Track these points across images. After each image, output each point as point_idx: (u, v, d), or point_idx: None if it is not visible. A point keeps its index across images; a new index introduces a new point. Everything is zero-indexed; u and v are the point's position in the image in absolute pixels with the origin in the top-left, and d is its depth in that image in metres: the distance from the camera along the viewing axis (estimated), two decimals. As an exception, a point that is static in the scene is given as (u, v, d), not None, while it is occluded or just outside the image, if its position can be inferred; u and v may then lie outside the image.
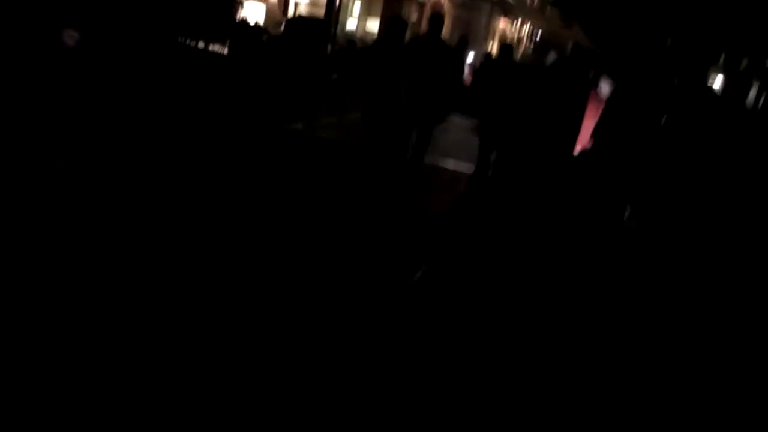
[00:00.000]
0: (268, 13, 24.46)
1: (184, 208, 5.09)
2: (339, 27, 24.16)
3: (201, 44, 12.80)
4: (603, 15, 19.84)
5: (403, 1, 25.64)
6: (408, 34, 8.03)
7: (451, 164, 9.30)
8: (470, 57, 18.27)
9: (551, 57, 7.10)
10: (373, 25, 25.67)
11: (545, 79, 6.00)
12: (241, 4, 14.31)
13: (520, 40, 36.46)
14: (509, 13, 33.15)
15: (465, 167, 8.98)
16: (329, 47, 19.64)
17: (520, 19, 36.19)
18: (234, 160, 7.14)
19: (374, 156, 7.99)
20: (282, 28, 19.35)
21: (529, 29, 37.89)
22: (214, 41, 13.07)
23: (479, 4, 28.77)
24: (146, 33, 11.34)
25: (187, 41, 12.46)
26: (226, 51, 12.96)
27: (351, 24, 26.35)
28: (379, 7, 25.75)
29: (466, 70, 15.94)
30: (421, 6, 27.57)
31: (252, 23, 16.71)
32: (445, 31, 27.10)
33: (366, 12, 26.45)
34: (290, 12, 24.23)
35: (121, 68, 9.95)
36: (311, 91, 12.04)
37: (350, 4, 26.11)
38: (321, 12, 20.77)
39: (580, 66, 6.10)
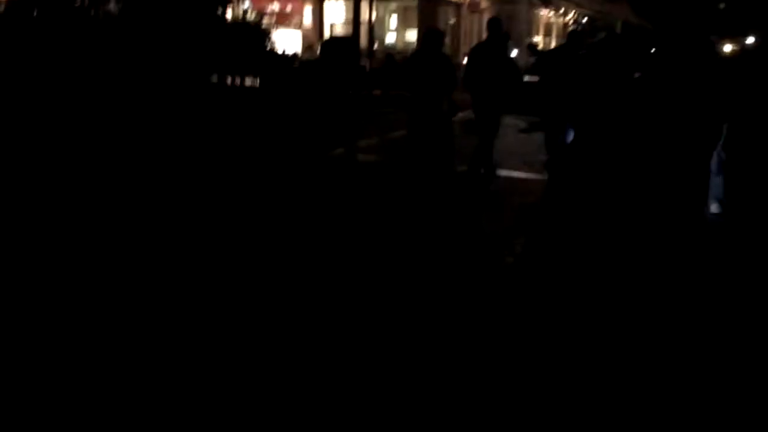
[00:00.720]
0: (304, 39, 24.04)
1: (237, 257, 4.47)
2: (377, 42, 23.55)
3: (231, 80, 12.36)
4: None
5: (437, 5, 24.74)
6: (446, 40, 7.79)
7: (514, 173, 8.37)
8: (514, 52, 17.29)
9: (600, 36, 6.22)
10: (412, 36, 24.90)
11: (592, 56, 5.08)
12: (269, 35, 13.85)
13: (566, 26, 34.99)
14: (550, 2, 31.79)
15: (527, 174, 8.05)
16: (368, 64, 18.99)
17: (563, 8, 34.83)
18: (277, 196, 6.49)
19: (423, 171, 7.33)
20: (318, 51, 18.84)
21: (574, 15, 36.45)
22: (246, 75, 12.63)
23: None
24: (177, 72, 11.00)
25: (218, 78, 12.08)
26: (257, 84, 12.51)
27: (390, 38, 25.65)
28: (415, 16, 24.95)
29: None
30: (458, 6, 26.60)
31: (284, 51, 16.24)
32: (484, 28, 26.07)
33: (403, 23, 25.70)
34: (326, 34, 23.72)
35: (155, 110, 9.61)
36: (350, 113, 11.39)
37: (386, 18, 25.40)
38: (360, 30, 20.21)
39: (627, 40, 5.17)
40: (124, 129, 8.97)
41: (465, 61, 8.82)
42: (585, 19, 36.35)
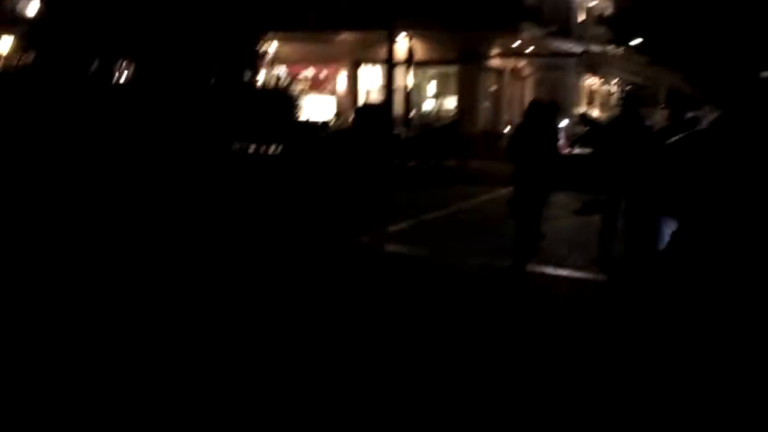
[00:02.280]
0: (338, 105, 23.18)
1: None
2: (414, 109, 22.60)
3: (254, 148, 11.41)
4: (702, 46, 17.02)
5: (478, 72, 23.61)
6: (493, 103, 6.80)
7: (565, 270, 6.94)
8: (564, 122, 16.09)
9: (704, 113, 4.87)
10: (451, 103, 23.81)
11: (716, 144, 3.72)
12: (297, 102, 13.00)
13: (611, 94, 33.70)
14: (596, 67, 30.55)
15: (578, 273, 6.60)
16: (403, 133, 17.86)
17: (608, 75, 33.68)
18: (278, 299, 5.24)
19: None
20: (350, 119, 17.92)
21: (618, 82, 35.26)
22: (270, 143, 11.63)
23: (563, 62, 26.34)
24: (194, 140, 10.09)
25: (240, 146, 11.15)
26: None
27: (427, 105, 24.58)
28: (454, 83, 23.89)
29: (561, 136, 13.70)
30: (500, 73, 25.50)
31: (308, 119, 15.29)
32: (528, 96, 24.92)
33: (442, 90, 24.66)
34: (361, 101, 22.79)
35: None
36: (380, 188, 10.10)
37: (424, 84, 24.38)
38: (396, 97, 19.16)
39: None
40: (135, 200, 8.06)
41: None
42: (628, 87, 35.14)
